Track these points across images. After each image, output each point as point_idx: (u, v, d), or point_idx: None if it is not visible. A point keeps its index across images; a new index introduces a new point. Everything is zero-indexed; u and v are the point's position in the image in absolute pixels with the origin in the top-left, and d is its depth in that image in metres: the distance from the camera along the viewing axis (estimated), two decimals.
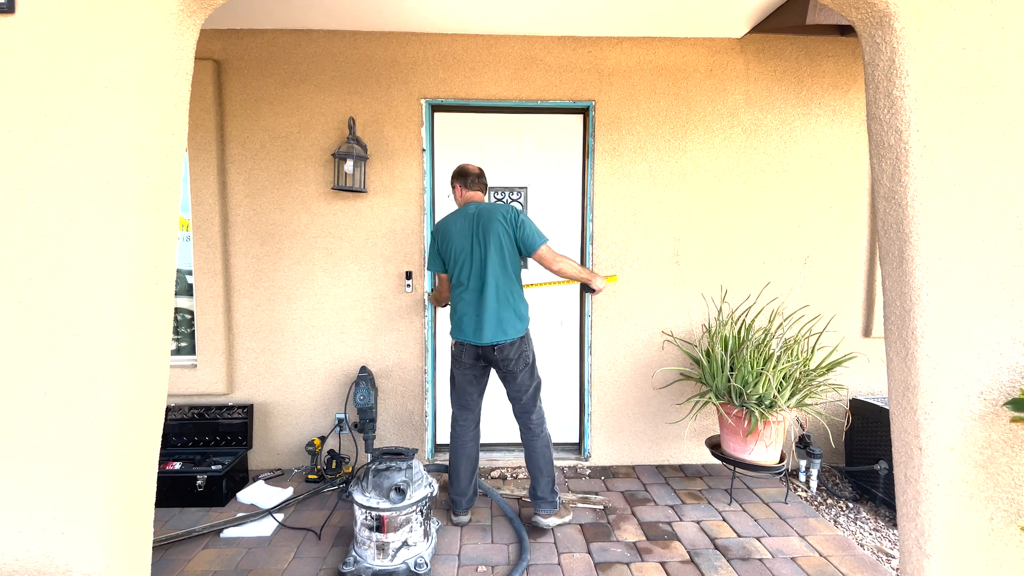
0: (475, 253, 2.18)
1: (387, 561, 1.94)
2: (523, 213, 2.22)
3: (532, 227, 2.20)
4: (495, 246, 2.15)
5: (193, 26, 1.35)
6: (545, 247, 2.19)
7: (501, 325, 2.16)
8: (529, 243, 2.18)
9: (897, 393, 1.36)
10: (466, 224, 2.21)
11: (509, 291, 2.19)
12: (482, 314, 2.16)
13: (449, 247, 2.24)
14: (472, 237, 2.19)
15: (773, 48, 2.86)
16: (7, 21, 1.20)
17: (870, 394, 2.92)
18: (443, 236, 2.27)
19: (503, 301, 2.17)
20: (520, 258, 2.25)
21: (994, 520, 1.26)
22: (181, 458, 2.62)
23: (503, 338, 2.16)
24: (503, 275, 2.17)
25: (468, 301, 2.20)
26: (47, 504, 1.21)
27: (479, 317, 2.17)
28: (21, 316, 1.20)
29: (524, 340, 2.23)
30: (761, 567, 2.06)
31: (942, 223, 1.26)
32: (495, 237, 2.15)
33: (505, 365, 2.21)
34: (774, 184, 2.91)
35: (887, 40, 1.30)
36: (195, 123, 2.69)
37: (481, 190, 2.35)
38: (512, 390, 2.28)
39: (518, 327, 2.20)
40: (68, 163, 1.21)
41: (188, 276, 2.87)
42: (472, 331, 2.19)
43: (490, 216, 2.17)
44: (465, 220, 2.22)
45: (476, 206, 2.23)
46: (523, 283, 2.29)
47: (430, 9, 2.51)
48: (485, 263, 2.16)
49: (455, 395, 2.36)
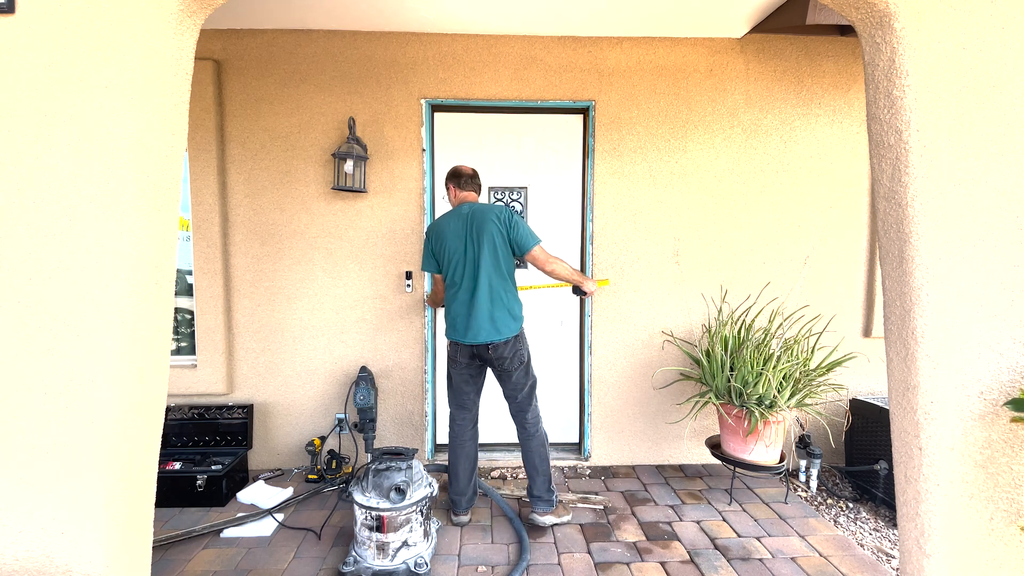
0: (468, 253, 2.19)
1: (387, 561, 1.94)
2: (516, 214, 2.24)
3: (525, 228, 2.21)
4: (488, 246, 2.16)
5: (193, 26, 1.35)
6: (538, 248, 2.21)
7: (495, 324, 2.17)
8: (523, 243, 2.19)
9: (897, 393, 1.36)
10: (460, 224, 2.22)
11: (503, 290, 2.20)
12: (476, 313, 2.17)
13: (443, 247, 2.25)
14: (466, 237, 2.20)
15: (773, 48, 2.86)
16: (7, 21, 1.20)
17: (870, 394, 2.92)
18: (437, 237, 2.27)
19: (496, 300, 2.18)
20: (515, 259, 2.26)
21: (994, 520, 1.26)
22: (181, 458, 2.62)
23: (497, 337, 2.17)
24: (496, 275, 2.18)
25: (462, 301, 2.21)
26: (47, 504, 1.21)
27: (473, 316, 2.18)
28: (21, 316, 1.20)
29: (518, 339, 2.24)
30: (761, 567, 2.06)
31: (942, 223, 1.26)
32: (488, 237, 2.16)
33: (499, 364, 2.22)
34: (774, 184, 2.91)
35: (887, 40, 1.30)
36: (195, 123, 2.69)
37: (475, 191, 2.36)
38: (507, 389, 2.29)
39: (512, 326, 2.21)
40: (68, 163, 1.21)
41: (188, 276, 2.87)
42: (465, 330, 2.20)
43: (484, 216, 2.18)
44: (459, 220, 2.23)
45: (470, 206, 2.24)
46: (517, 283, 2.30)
47: (430, 9, 2.51)
48: (478, 263, 2.17)
49: (452, 395, 2.36)
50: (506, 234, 2.19)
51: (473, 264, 2.19)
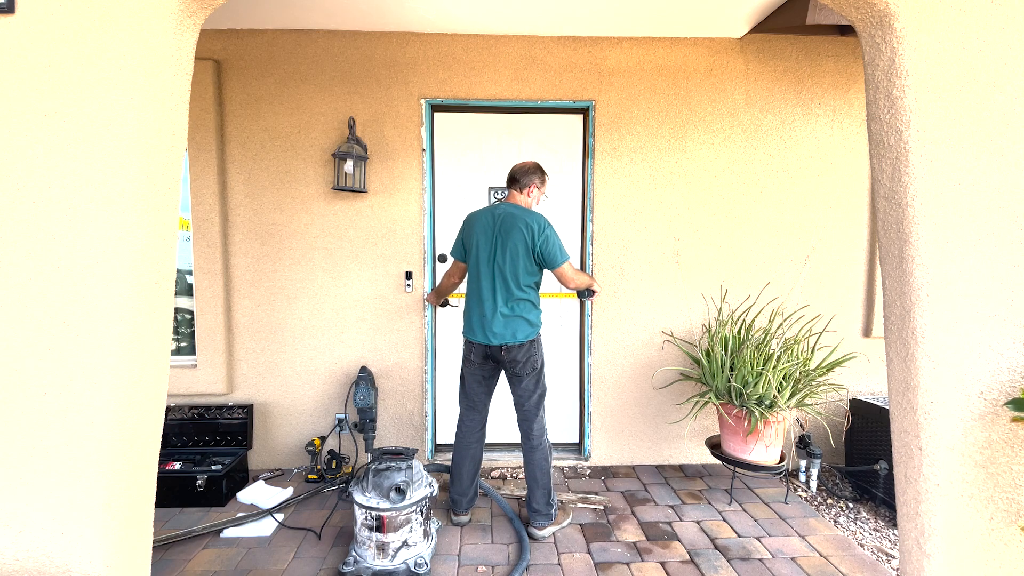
0: (491, 253, 2.17)
1: (387, 561, 1.94)
2: (551, 227, 2.19)
3: (556, 243, 2.18)
4: (511, 252, 2.14)
5: (193, 26, 1.35)
6: (567, 265, 2.20)
7: (510, 327, 2.16)
8: (551, 259, 2.16)
9: (897, 393, 1.36)
10: (490, 222, 2.19)
11: (521, 295, 2.18)
12: (492, 314, 2.16)
13: (472, 240, 2.23)
14: (492, 237, 2.17)
15: (773, 48, 2.86)
16: (7, 21, 1.20)
17: (870, 394, 2.92)
18: (469, 227, 2.26)
19: (513, 305, 2.17)
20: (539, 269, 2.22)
21: (994, 520, 1.26)
22: (181, 458, 2.62)
23: (511, 340, 2.16)
24: (513, 281, 2.16)
25: (479, 299, 2.20)
26: (47, 504, 1.21)
27: (489, 317, 2.16)
28: (21, 316, 1.20)
29: (534, 344, 2.22)
30: (761, 567, 2.06)
31: (942, 223, 1.26)
32: (512, 243, 2.14)
33: (512, 367, 2.21)
34: (774, 184, 2.91)
35: (887, 40, 1.30)
36: (195, 123, 2.69)
37: (517, 190, 2.28)
38: (516, 394, 2.27)
39: (528, 331, 2.19)
40: (68, 163, 1.21)
41: (188, 276, 2.87)
42: (481, 331, 2.19)
43: (513, 221, 2.15)
44: (490, 218, 2.20)
45: (505, 207, 2.21)
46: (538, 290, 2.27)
47: (430, 9, 2.51)
48: (500, 266, 2.15)
49: (463, 395, 2.35)
50: (533, 243, 2.14)
51: (494, 265, 2.16)
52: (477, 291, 2.21)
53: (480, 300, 2.20)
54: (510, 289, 2.16)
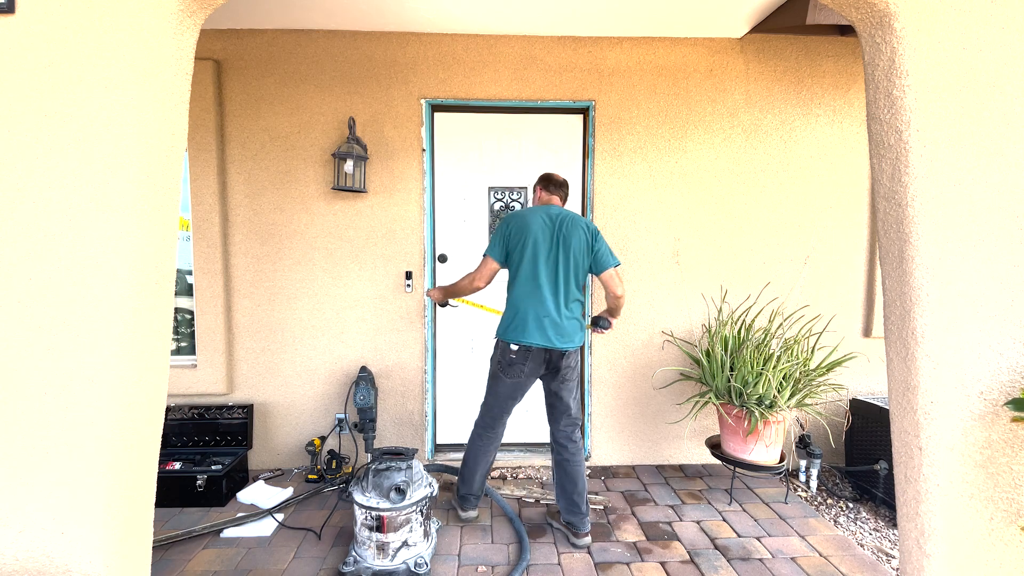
0: (553, 253, 2.13)
1: (387, 561, 1.94)
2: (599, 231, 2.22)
3: (607, 246, 2.20)
4: (574, 252, 2.13)
5: (193, 26, 1.35)
6: (617, 269, 2.19)
7: (571, 329, 2.15)
8: (603, 261, 2.16)
9: (897, 393, 1.36)
10: (548, 222, 2.15)
11: (578, 296, 2.19)
12: (558, 315, 2.12)
13: (524, 240, 2.13)
14: (552, 237, 2.13)
15: (773, 48, 2.86)
16: (7, 21, 1.20)
17: (870, 394, 2.92)
18: (520, 227, 2.15)
19: (572, 305, 2.17)
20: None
21: (994, 520, 1.26)
22: (181, 458, 2.62)
23: (570, 344, 2.14)
24: (575, 282, 2.16)
25: (539, 300, 2.11)
26: (47, 504, 1.21)
27: (556, 318, 2.11)
28: (21, 316, 1.20)
29: (581, 347, 2.24)
30: (761, 567, 2.06)
31: (942, 223, 1.26)
32: (576, 244, 2.13)
33: (565, 372, 2.17)
34: (774, 184, 2.91)
35: (887, 40, 1.30)
36: (195, 123, 2.69)
37: (560, 198, 2.31)
38: (563, 400, 2.19)
39: (581, 334, 2.21)
40: (68, 163, 1.21)
41: (188, 276, 2.87)
42: (541, 333, 2.09)
43: (574, 223, 2.15)
44: (548, 218, 2.16)
45: (559, 209, 2.20)
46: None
47: (430, 9, 2.51)
48: (564, 266, 2.13)
49: (495, 406, 2.21)
50: (591, 245, 2.14)
51: (558, 266, 2.12)
52: (535, 292, 2.12)
53: (540, 301, 2.10)
54: (571, 290, 2.15)
